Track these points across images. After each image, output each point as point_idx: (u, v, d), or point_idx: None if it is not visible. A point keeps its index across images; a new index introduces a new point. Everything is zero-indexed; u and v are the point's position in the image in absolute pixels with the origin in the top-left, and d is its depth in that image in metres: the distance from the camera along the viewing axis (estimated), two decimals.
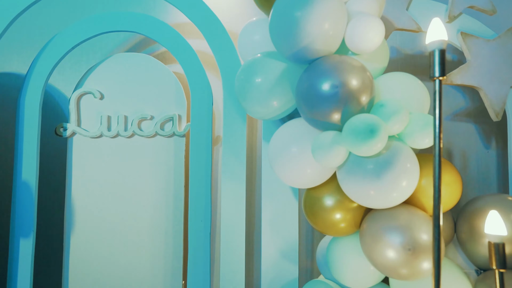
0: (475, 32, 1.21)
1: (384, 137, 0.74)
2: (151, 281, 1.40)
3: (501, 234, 0.67)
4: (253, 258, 1.42)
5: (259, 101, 0.94)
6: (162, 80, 1.46)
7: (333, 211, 0.96)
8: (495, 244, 0.67)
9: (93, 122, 1.43)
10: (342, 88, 0.77)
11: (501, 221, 0.68)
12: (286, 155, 0.94)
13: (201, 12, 1.27)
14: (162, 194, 1.41)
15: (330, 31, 0.81)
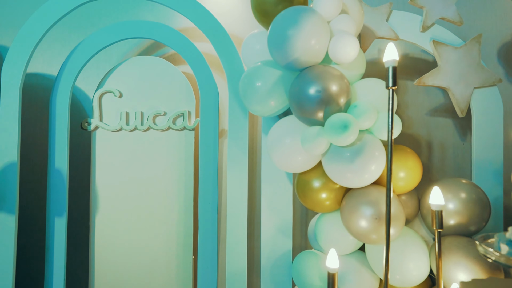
0: (445, 41, 1.44)
1: (356, 131, 0.98)
2: (166, 256, 1.65)
3: (440, 203, 0.91)
4: (254, 234, 1.68)
5: (259, 102, 1.18)
6: (173, 79, 1.70)
7: (319, 191, 1.20)
8: (436, 212, 0.92)
9: (114, 117, 1.66)
10: (324, 93, 1.01)
11: (440, 194, 0.92)
12: (281, 145, 1.19)
13: (211, 25, 1.50)
14: (175, 180, 1.65)
15: (316, 46, 1.05)
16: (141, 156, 1.67)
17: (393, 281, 1.11)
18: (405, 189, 1.16)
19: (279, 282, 1.45)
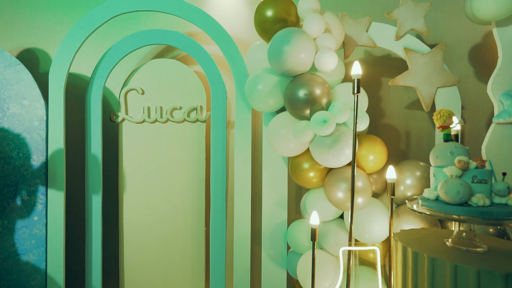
0: (415, 48, 1.79)
1: (333, 124, 1.35)
2: (182, 227, 2.05)
3: (393, 177, 1.29)
4: (256, 208, 2.07)
5: (260, 101, 1.54)
6: (187, 78, 2.05)
7: (308, 171, 1.58)
8: (390, 183, 1.29)
9: (137, 111, 2.03)
10: (310, 95, 1.37)
11: (394, 171, 1.30)
12: (278, 135, 1.56)
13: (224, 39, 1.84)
14: (189, 164, 2.03)
15: (304, 58, 1.40)
16: (161, 144, 2.04)
17: (363, 239, 1.51)
18: (374, 169, 1.53)
19: (276, 246, 1.85)
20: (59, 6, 2.20)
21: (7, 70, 1.79)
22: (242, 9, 2.26)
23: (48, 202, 1.80)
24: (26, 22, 2.21)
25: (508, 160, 1.54)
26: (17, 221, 1.79)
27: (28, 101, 1.80)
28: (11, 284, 1.79)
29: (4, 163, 1.79)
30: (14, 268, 1.79)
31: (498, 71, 1.56)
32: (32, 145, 1.80)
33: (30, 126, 1.80)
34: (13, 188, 1.79)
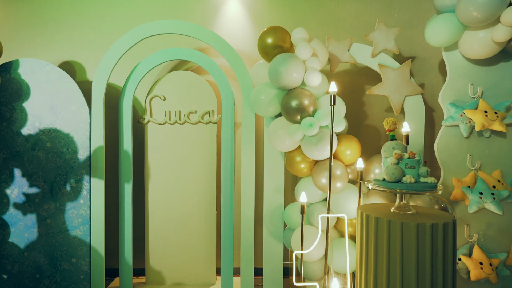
0: (387, 64, 2.30)
1: (317, 127, 1.87)
2: (197, 211, 2.57)
3: (361, 166, 1.80)
4: (258, 194, 2.59)
5: (262, 108, 2.06)
6: (200, 87, 2.57)
7: (300, 163, 2.11)
8: (359, 171, 1.81)
9: (160, 114, 2.55)
10: (300, 105, 1.89)
11: (362, 162, 1.81)
12: (276, 135, 2.08)
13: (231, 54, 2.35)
14: (203, 158, 2.55)
15: (296, 77, 1.92)
16: (179, 142, 2.56)
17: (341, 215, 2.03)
18: (350, 161, 2.05)
19: (275, 224, 2.38)
20: (92, 25, 2.72)
21: (59, 82, 2.31)
22: (246, 28, 2.78)
23: (91, 188, 2.32)
24: (65, 38, 2.73)
25: (454, 153, 2.06)
26: (67, 203, 2.32)
27: (75, 107, 2.32)
28: (63, 254, 2.32)
29: (56, 157, 2.31)
30: (65, 240, 2.32)
31: (446, 85, 2.08)
32: (79, 143, 2.32)
33: (77, 127, 2.32)
34: (64, 177, 2.32)
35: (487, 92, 2.04)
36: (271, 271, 2.39)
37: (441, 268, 1.33)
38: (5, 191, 2.31)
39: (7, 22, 2.72)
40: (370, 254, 1.45)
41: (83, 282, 2.33)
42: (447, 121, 2.04)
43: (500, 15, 1.70)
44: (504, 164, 2.03)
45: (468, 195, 1.95)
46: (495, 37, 1.76)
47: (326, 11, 2.82)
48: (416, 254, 1.33)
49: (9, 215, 2.32)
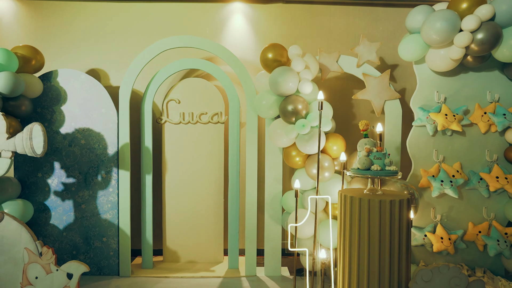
0: (370, 73, 2.80)
1: (309, 127, 2.38)
2: (207, 199, 3.09)
3: (343, 159, 2.32)
4: (260, 183, 3.11)
5: (264, 111, 2.58)
6: (210, 91, 3.08)
7: (295, 157, 2.63)
8: (342, 163, 2.32)
9: (175, 115, 3.06)
10: (294, 109, 2.41)
11: (344, 155, 2.33)
12: (275, 133, 2.59)
13: (237, 65, 2.86)
14: (212, 154, 3.07)
15: (291, 86, 2.44)
16: (192, 139, 3.08)
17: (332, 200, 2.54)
18: (337, 155, 2.57)
19: (274, 209, 2.89)
20: (115, 37, 3.23)
21: (91, 89, 2.82)
22: (249, 39, 3.29)
23: (119, 178, 2.84)
24: (91, 48, 3.24)
25: (422, 148, 2.57)
26: (98, 191, 2.84)
27: (105, 109, 2.83)
28: (95, 234, 2.84)
29: (89, 152, 2.83)
30: (97, 223, 2.84)
31: (416, 92, 2.59)
32: (108, 140, 2.84)
33: (106, 127, 2.84)
34: (96, 169, 2.84)
35: (449, 98, 2.55)
36: (271, 249, 2.92)
37: (397, 235, 1.84)
38: (47, 181, 2.83)
39: (41, 34, 3.23)
40: (347, 226, 1.96)
41: (112, 258, 2.85)
42: (416, 122, 2.56)
43: (453, 38, 2.20)
44: (463, 157, 2.55)
45: (432, 182, 2.46)
46: (451, 55, 2.26)
47: (319, 24, 3.33)
48: (379, 224, 1.84)
49: (50, 201, 2.84)
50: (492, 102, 2.50)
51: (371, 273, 1.86)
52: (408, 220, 1.89)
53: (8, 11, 3.23)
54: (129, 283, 2.74)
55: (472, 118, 2.50)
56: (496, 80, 2.52)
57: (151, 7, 3.29)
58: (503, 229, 2.46)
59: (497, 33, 2.13)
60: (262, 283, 2.79)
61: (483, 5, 2.13)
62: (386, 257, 1.84)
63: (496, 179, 2.45)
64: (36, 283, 2.14)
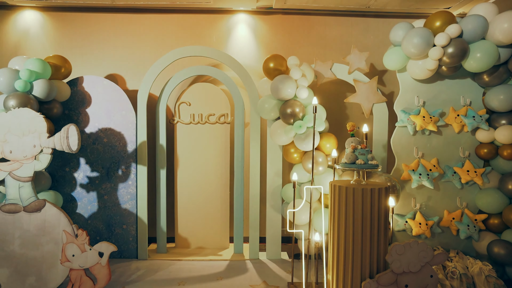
0: (360, 79, 3.25)
1: (305, 128, 2.83)
2: (215, 190, 3.55)
3: (334, 155, 2.76)
4: (262, 177, 3.56)
5: (266, 113, 3.03)
6: (217, 95, 3.52)
7: (293, 153, 3.08)
8: (334, 158, 2.77)
9: (186, 116, 3.50)
10: (292, 112, 2.85)
11: (335, 152, 2.77)
12: (276, 133, 3.04)
13: (242, 71, 3.30)
14: (219, 151, 3.52)
15: (290, 92, 2.88)
16: (201, 138, 3.52)
17: (325, 191, 2.98)
18: (329, 152, 3.01)
19: (275, 200, 3.34)
20: (130, 45, 3.67)
21: (113, 93, 3.26)
22: (253, 47, 3.73)
23: (137, 172, 3.28)
24: (110, 56, 3.68)
25: (404, 146, 3.02)
26: (119, 184, 3.28)
27: (125, 111, 3.27)
28: (117, 222, 3.29)
29: (111, 149, 3.27)
30: (117, 212, 3.29)
31: (399, 97, 3.03)
32: (128, 138, 3.28)
33: (126, 127, 3.28)
34: (117, 164, 3.28)
35: (428, 102, 2.99)
36: (272, 235, 3.37)
37: (377, 217, 2.28)
38: (73, 175, 3.27)
39: (65, 43, 3.66)
40: (336, 211, 2.40)
41: (131, 243, 3.30)
42: (399, 123, 3.00)
43: (428, 52, 2.64)
44: (439, 154, 2.99)
45: (412, 175, 2.91)
46: (427, 66, 2.71)
47: (316, 33, 3.77)
48: (361, 208, 2.28)
49: (76, 193, 3.28)
50: (465, 106, 2.94)
51: (355, 250, 2.30)
52: (386, 205, 2.33)
53: (36, 23, 3.67)
54: (147, 265, 3.19)
55: (447, 120, 2.95)
56: (468, 87, 2.97)
57: (162, 18, 3.72)
58: (473, 216, 2.91)
59: (464, 48, 2.57)
60: (264, 265, 3.24)
61: (452, 24, 2.56)
62: (368, 236, 2.28)
63: (467, 172, 2.89)
64: (73, 260, 2.59)
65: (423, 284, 2.21)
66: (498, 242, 2.71)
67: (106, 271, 2.62)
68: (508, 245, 2.65)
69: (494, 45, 2.58)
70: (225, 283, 2.84)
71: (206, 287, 2.77)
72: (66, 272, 2.59)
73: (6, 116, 2.58)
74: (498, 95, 2.77)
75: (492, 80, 2.79)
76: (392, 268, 2.19)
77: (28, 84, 2.78)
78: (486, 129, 2.84)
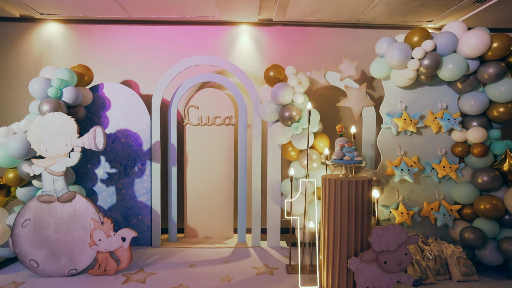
0: (350, 85, 3.72)
1: (300, 129, 3.31)
2: (220, 185, 4.02)
3: (326, 153, 3.24)
4: (263, 173, 4.04)
5: (267, 116, 3.52)
6: (222, 99, 4.00)
7: (291, 151, 3.56)
8: (325, 155, 3.24)
9: (194, 119, 3.98)
10: (290, 115, 3.33)
11: (327, 150, 3.24)
12: (276, 133, 3.52)
13: (245, 78, 3.77)
14: (225, 150, 3.99)
15: (288, 97, 3.36)
16: (208, 138, 4.00)
17: (318, 184, 3.45)
18: (322, 150, 3.48)
19: (275, 193, 3.81)
20: (143, 54, 4.14)
21: (130, 98, 3.74)
22: (254, 56, 4.21)
23: (151, 169, 3.76)
24: (125, 63, 4.16)
25: (389, 145, 3.49)
26: (135, 179, 3.76)
27: (140, 114, 3.74)
28: (133, 213, 3.76)
29: (128, 148, 3.75)
30: (134, 204, 3.76)
31: (384, 102, 3.51)
32: (143, 139, 3.75)
33: (141, 128, 3.75)
34: (133, 162, 3.75)
35: (409, 106, 3.46)
36: (272, 225, 3.84)
37: (360, 205, 2.75)
38: (95, 171, 3.74)
39: (84, 52, 4.14)
40: (326, 200, 2.87)
41: (146, 232, 3.77)
42: (384, 125, 3.48)
43: (407, 63, 3.12)
44: (420, 152, 3.47)
45: (395, 171, 3.38)
46: (407, 76, 3.18)
47: (312, 43, 4.25)
48: (347, 197, 2.75)
49: (97, 187, 3.75)
50: (441, 109, 3.41)
51: (343, 233, 2.76)
52: (369, 195, 2.80)
53: (58, 34, 4.14)
54: (161, 251, 3.66)
55: (426, 122, 3.42)
56: (444, 93, 3.44)
57: (173, 29, 4.20)
58: (449, 206, 3.38)
59: (437, 60, 3.04)
60: (265, 251, 3.71)
61: (427, 40, 3.04)
62: (353, 221, 2.75)
63: (443, 168, 3.36)
64: (100, 244, 3.05)
65: (399, 260, 2.68)
66: (468, 229, 3.18)
67: (128, 254, 3.09)
68: (477, 231, 3.12)
69: (463, 58, 3.05)
70: (231, 266, 3.30)
71: (215, 268, 3.24)
72: (94, 254, 3.06)
73: (43, 119, 3.05)
74: (469, 101, 3.24)
75: (465, 87, 3.26)
76: (373, 248, 2.65)
77: (58, 91, 3.25)
78: (460, 130, 3.32)
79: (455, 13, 3.80)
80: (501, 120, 3.20)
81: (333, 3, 3.60)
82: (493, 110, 3.19)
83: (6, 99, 4.14)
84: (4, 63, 4.13)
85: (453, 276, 3.01)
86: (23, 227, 3.00)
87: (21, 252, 2.99)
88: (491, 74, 3.03)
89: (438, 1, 3.52)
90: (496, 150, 3.25)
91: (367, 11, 3.78)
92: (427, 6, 3.63)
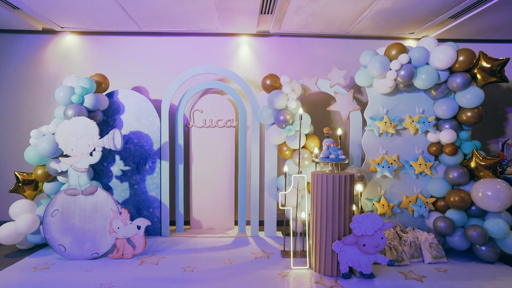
0: (339, 91, 4.26)
1: (294, 131, 3.85)
2: (222, 181, 4.57)
3: (316, 152, 3.77)
4: (261, 170, 4.58)
5: (264, 120, 4.07)
6: (224, 103, 4.55)
7: (285, 151, 4.11)
8: (315, 154, 3.78)
9: (199, 121, 4.52)
10: (284, 119, 3.87)
11: (317, 149, 3.78)
12: (272, 135, 4.05)
13: (244, 85, 4.31)
14: (226, 149, 4.54)
15: (282, 103, 3.90)
16: (211, 139, 4.54)
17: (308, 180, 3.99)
18: (313, 150, 4.01)
19: (271, 188, 4.35)
20: (153, 62, 4.69)
21: (142, 103, 4.28)
22: (253, 64, 4.75)
23: (161, 166, 4.30)
24: (135, 70, 4.70)
25: (372, 145, 4.03)
26: (146, 176, 4.30)
27: (151, 117, 4.29)
28: (144, 206, 4.30)
29: (140, 148, 4.29)
30: (145, 198, 4.30)
31: (368, 107, 4.05)
32: (153, 140, 4.29)
33: (152, 130, 4.29)
34: (144, 160, 4.29)
35: (390, 111, 4.00)
36: (269, 217, 4.38)
37: (343, 197, 3.28)
38: (110, 168, 4.29)
39: (99, 61, 4.68)
40: (314, 193, 3.40)
41: (156, 223, 4.31)
42: (367, 127, 4.02)
43: (386, 74, 3.65)
44: (400, 151, 4.01)
45: (377, 168, 3.92)
46: (386, 84, 3.72)
47: (305, 53, 4.79)
48: (332, 190, 3.28)
49: (112, 183, 4.29)
50: (418, 114, 3.95)
51: (328, 220, 3.30)
52: (351, 188, 3.33)
53: (75, 44, 4.69)
54: (169, 240, 4.20)
55: (405, 125, 3.96)
56: (422, 99, 3.98)
57: (179, 40, 4.74)
58: (425, 199, 3.91)
59: (412, 71, 3.58)
60: (263, 240, 4.25)
61: (403, 53, 3.58)
62: (337, 210, 3.28)
63: (420, 165, 3.90)
64: (118, 231, 3.59)
65: (376, 243, 3.22)
66: (440, 218, 3.71)
67: (142, 240, 3.63)
68: (447, 220, 3.66)
69: (435, 69, 3.59)
70: (232, 251, 3.84)
71: (218, 254, 3.78)
72: (113, 240, 3.60)
73: (68, 123, 3.59)
74: (442, 106, 3.78)
75: (438, 94, 3.80)
76: (354, 232, 3.19)
77: (81, 98, 3.79)
78: (434, 132, 3.85)
79: (433, 26, 4.34)
80: (469, 124, 3.74)
81: (324, 18, 4.14)
82: (462, 114, 3.74)
83: (30, 104, 4.68)
84: (28, 72, 4.67)
85: (425, 259, 3.55)
86: (52, 216, 3.55)
87: (51, 238, 3.53)
88: (458, 83, 3.57)
89: (417, 17, 4.06)
90: (465, 150, 3.80)
91: (354, 25, 4.32)
92: (407, 21, 4.16)
